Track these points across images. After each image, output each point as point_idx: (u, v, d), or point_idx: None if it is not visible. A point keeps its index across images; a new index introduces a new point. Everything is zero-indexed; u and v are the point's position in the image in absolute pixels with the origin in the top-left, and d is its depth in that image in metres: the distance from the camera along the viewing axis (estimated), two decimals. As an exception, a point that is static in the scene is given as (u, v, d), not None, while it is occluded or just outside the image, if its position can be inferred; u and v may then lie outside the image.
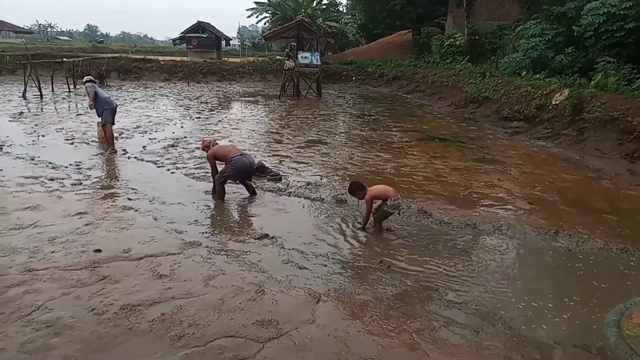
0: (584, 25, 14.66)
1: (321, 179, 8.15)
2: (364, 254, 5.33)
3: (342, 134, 13.23)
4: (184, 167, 8.52)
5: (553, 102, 12.91)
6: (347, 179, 8.06)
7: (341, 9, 47.44)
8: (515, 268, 5.16)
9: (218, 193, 6.83)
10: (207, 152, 7.02)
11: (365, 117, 16.15)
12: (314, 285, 4.44)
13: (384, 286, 4.51)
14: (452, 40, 25.28)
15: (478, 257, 5.37)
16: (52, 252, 4.81)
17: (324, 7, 41.19)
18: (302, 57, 22.05)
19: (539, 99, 13.49)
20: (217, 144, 7.18)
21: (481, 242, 5.79)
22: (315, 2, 39.93)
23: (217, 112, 16.25)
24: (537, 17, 18.13)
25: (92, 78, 10.20)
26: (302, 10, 36.23)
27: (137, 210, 6.17)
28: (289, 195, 7.25)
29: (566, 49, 15.88)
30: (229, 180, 6.82)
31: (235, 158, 6.67)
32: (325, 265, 4.90)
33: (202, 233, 5.61)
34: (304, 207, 6.79)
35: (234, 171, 6.68)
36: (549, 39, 16.56)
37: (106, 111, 9.46)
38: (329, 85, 26.57)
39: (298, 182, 7.89)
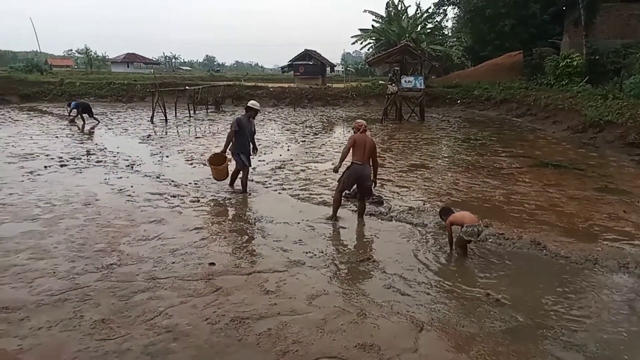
0: None
1: (424, 204, 8.00)
2: (470, 284, 5.10)
3: (446, 159, 12.90)
4: (289, 188, 8.87)
5: (692, 127, 11.46)
6: (452, 205, 7.85)
7: (446, 32, 46.73)
8: (646, 311, 4.61)
9: (334, 202, 7.21)
10: (355, 132, 7.26)
11: (471, 141, 15.60)
12: (417, 313, 4.34)
13: (492, 320, 4.28)
14: (568, 60, 23.65)
15: (599, 295, 4.88)
16: (173, 262, 5.27)
17: (429, 31, 40.87)
18: (405, 81, 22.01)
19: (674, 123, 12.05)
20: (365, 131, 7.32)
21: (603, 279, 5.26)
22: (419, 26, 39.82)
23: (321, 135, 16.76)
24: (669, 33, 16.35)
25: (252, 106, 8.58)
26: (407, 35, 36.26)
27: (247, 228, 6.54)
28: (391, 220, 7.21)
29: None
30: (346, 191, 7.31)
31: (353, 165, 6.99)
32: (428, 294, 4.78)
33: (306, 253, 5.77)
34: (406, 232, 6.69)
35: (346, 179, 7.05)
36: (685, 57, 14.83)
37: (242, 155, 8.33)
38: (432, 109, 26.16)
39: (400, 206, 7.82)
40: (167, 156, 11.90)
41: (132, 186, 8.60)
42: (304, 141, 15.17)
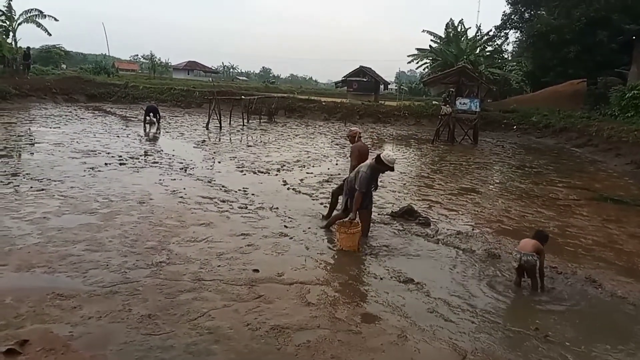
0: None
1: (473, 229, 7.79)
2: (517, 317, 4.91)
3: (498, 185, 12.55)
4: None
5: None
6: (502, 233, 7.63)
7: (506, 56, 45.70)
8: None
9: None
10: (351, 140, 7.52)
11: (526, 168, 15.10)
12: (460, 341, 4.20)
13: (540, 357, 4.08)
14: (635, 92, 22.49)
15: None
16: (219, 266, 5.38)
17: (488, 54, 40.09)
18: (460, 103, 21.66)
19: None
20: (360, 137, 7.51)
21: (666, 326, 4.91)
22: (478, 49, 39.16)
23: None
24: None
25: (387, 163, 6.63)
26: (465, 57, 35.74)
27: (291, 238, 6.60)
28: (437, 243, 7.05)
29: None
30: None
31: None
32: (472, 322, 4.62)
33: (349, 267, 5.75)
34: (452, 256, 6.52)
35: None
36: None
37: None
38: (486, 132, 25.54)
39: (447, 229, 7.66)
40: (219, 162, 12.24)
41: (184, 188, 8.88)
42: (353, 157, 15.14)
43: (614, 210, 9.88)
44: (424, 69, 44.94)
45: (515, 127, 27.50)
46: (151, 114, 19.46)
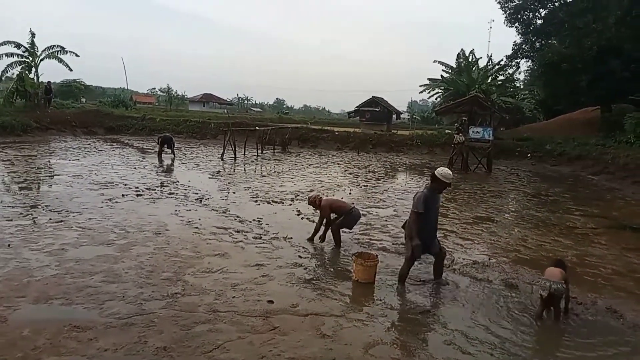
0: None
1: (489, 259, 7.69)
2: (537, 349, 4.79)
3: (514, 213, 12.42)
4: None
5: None
6: (519, 262, 7.52)
7: (518, 85, 45.92)
8: None
9: (337, 241, 7.87)
10: (316, 205, 7.99)
11: (542, 197, 14.94)
12: (478, 375, 4.12)
13: (562, 391, 3.97)
14: (651, 118, 22.37)
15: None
16: (234, 297, 5.38)
17: (500, 83, 40.34)
18: (473, 131, 21.71)
19: None
20: (321, 198, 8.05)
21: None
22: (490, 78, 39.45)
23: (384, 181, 16.73)
24: None
25: (442, 178, 6.00)
26: (476, 86, 35.99)
27: (306, 268, 6.58)
28: (453, 272, 6.97)
29: None
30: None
31: (354, 211, 7.90)
32: (491, 354, 4.53)
33: (364, 298, 5.71)
34: (468, 286, 6.43)
35: (352, 222, 7.95)
36: None
37: (417, 247, 6.10)
38: (500, 161, 25.41)
39: (463, 259, 7.58)
40: (234, 192, 12.34)
41: (199, 219, 8.96)
42: (366, 186, 15.20)
43: (633, 239, 9.70)
44: (436, 99, 45.32)
45: (529, 155, 27.35)
46: (165, 145, 19.73)
